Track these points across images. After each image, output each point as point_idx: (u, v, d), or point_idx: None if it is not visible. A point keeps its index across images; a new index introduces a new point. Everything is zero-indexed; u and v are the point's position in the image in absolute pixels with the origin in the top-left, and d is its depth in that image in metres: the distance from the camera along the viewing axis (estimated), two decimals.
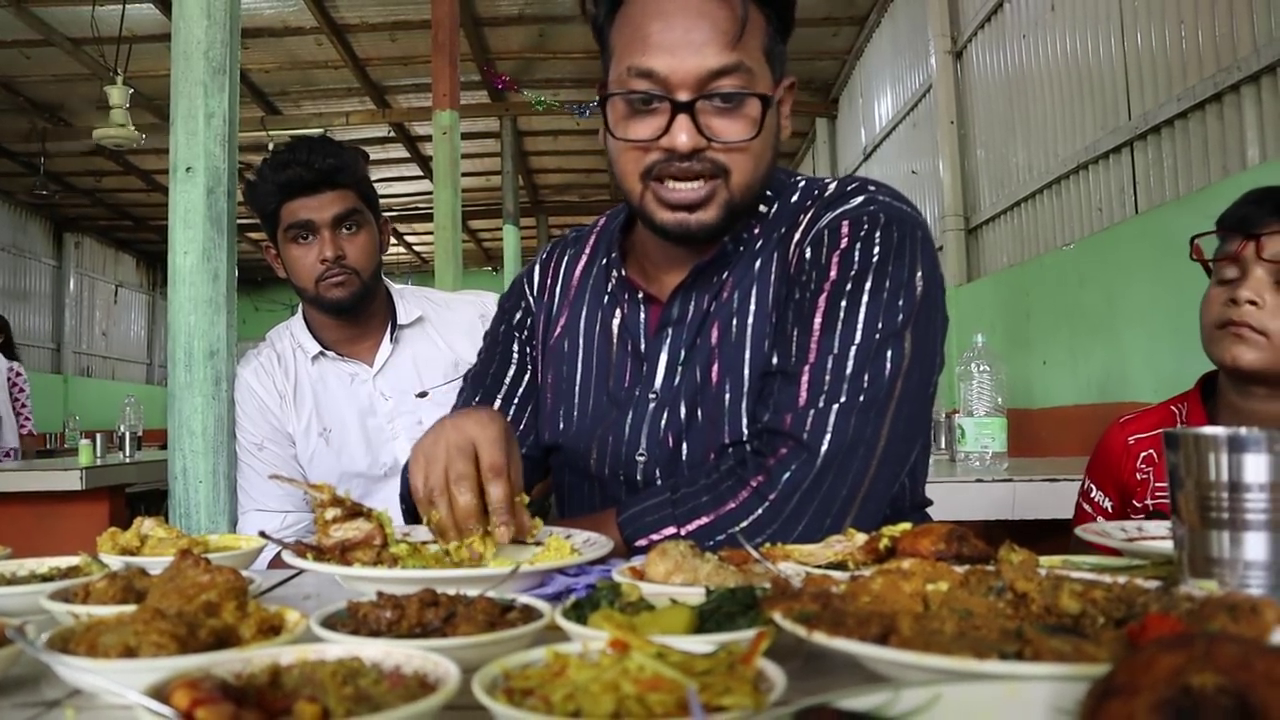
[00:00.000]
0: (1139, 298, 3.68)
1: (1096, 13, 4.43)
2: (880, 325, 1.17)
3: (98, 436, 4.78)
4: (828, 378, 1.16)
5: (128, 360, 16.55)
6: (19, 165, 11.62)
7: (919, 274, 1.21)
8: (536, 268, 1.53)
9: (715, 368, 1.26)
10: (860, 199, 1.26)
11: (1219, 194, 3.14)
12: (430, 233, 8.08)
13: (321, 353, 2.08)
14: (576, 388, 1.40)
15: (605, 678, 0.56)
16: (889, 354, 1.17)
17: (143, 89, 8.87)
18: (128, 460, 4.68)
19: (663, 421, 1.29)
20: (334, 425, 2.07)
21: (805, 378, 1.17)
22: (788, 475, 1.14)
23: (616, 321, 1.38)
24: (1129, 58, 4.17)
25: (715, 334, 1.28)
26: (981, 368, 2.95)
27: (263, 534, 1.15)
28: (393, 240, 2.18)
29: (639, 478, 1.30)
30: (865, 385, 1.15)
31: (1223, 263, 1.55)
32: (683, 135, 1.16)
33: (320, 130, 9.90)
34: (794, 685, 0.58)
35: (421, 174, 12.29)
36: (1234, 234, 1.54)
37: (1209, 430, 0.76)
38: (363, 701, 0.57)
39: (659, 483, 1.28)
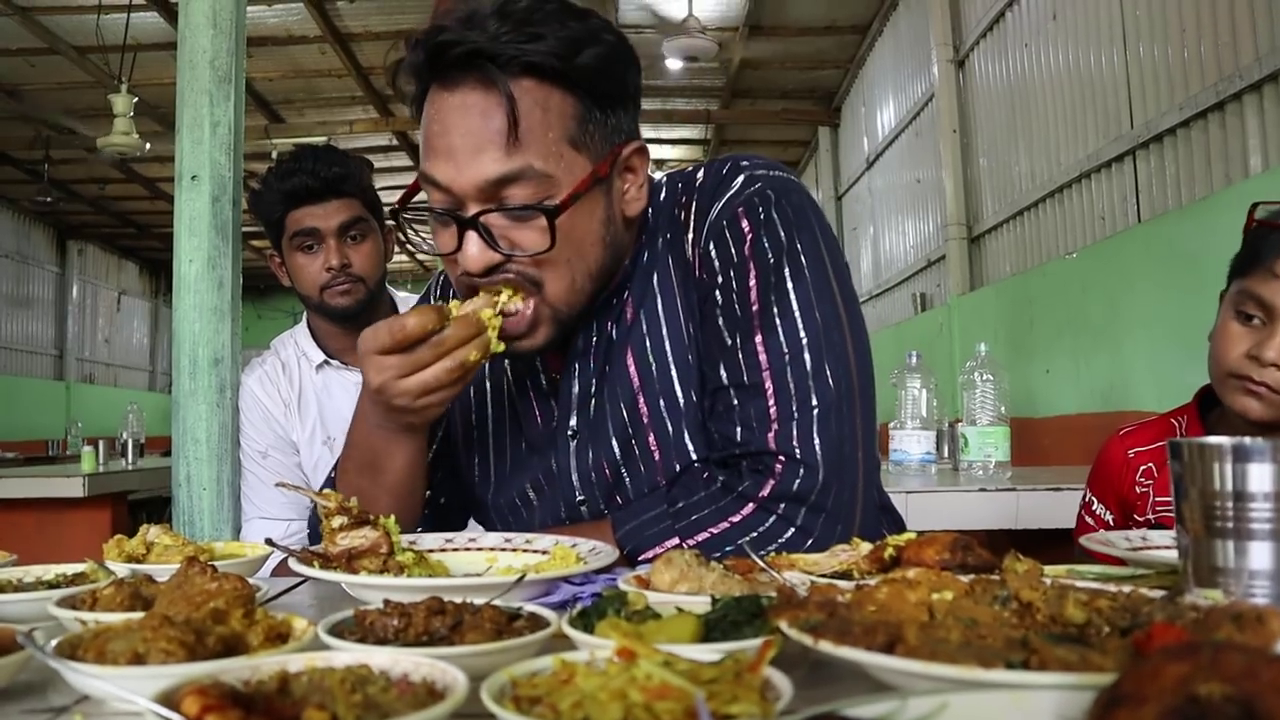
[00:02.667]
0: (1142, 306, 3.68)
1: (1098, 22, 4.44)
2: (818, 314, 1.16)
3: (100, 443, 4.78)
4: (791, 384, 1.14)
5: (130, 367, 16.56)
6: (23, 173, 11.64)
7: (821, 240, 1.20)
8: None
9: (642, 394, 1.22)
10: (740, 179, 1.20)
11: (1221, 203, 3.14)
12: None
13: (326, 361, 2.09)
14: (490, 439, 1.34)
15: (613, 685, 0.56)
16: (836, 340, 1.16)
17: (146, 97, 8.88)
18: (130, 467, 4.69)
19: (590, 456, 1.25)
20: (338, 434, 2.07)
21: (767, 388, 1.14)
22: (794, 488, 1.13)
23: (510, 365, 1.32)
24: (1131, 66, 4.18)
25: (630, 360, 1.23)
26: (984, 377, 2.96)
27: (269, 541, 1.16)
28: (395, 248, 2.19)
29: (586, 518, 1.26)
30: (830, 383, 1.14)
31: (1245, 299, 1.45)
32: (472, 251, 1.09)
33: (324, 139, 9.92)
34: (800, 694, 0.58)
35: None
36: (1264, 271, 1.43)
37: (1214, 440, 0.76)
38: (371, 709, 0.57)
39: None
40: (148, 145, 7.45)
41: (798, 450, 1.13)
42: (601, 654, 0.63)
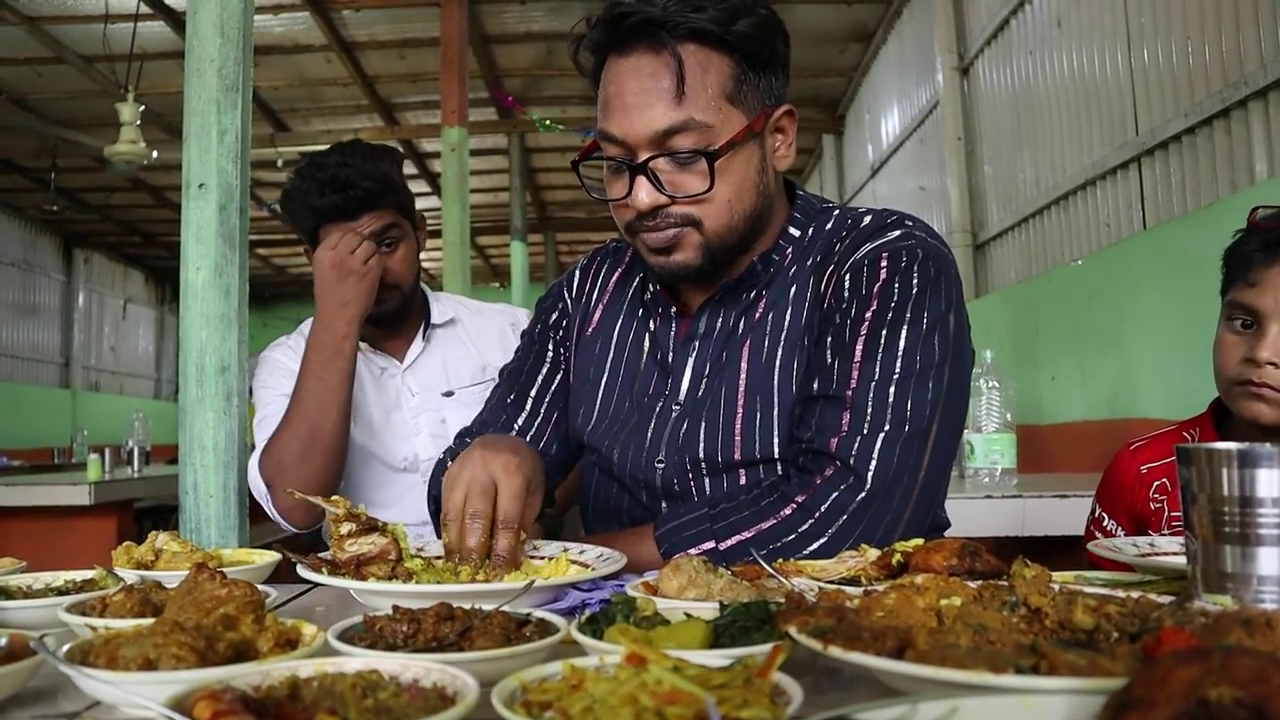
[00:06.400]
0: (1148, 313, 3.68)
1: (1103, 28, 4.44)
2: (919, 358, 1.20)
3: (106, 451, 4.79)
4: (870, 404, 1.18)
5: (136, 375, 16.59)
6: (30, 181, 11.69)
7: (953, 310, 1.25)
8: (577, 272, 1.59)
9: (744, 384, 1.29)
10: (898, 233, 1.28)
11: (1227, 209, 3.14)
12: (439, 249, 8.10)
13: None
14: (600, 389, 1.45)
15: (623, 691, 0.56)
16: (929, 385, 1.19)
17: (153, 106, 8.92)
18: (136, 475, 4.69)
19: (683, 431, 1.32)
20: (359, 415, 2.07)
21: (849, 403, 1.19)
22: (835, 495, 1.15)
23: (648, 332, 1.42)
24: (1136, 73, 4.18)
25: (747, 351, 1.30)
26: (990, 383, 2.95)
27: (280, 549, 1.16)
28: (425, 240, 2.17)
29: (658, 483, 1.33)
30: (908, 415, 1.18)
31: (1232, 309, 1.50)
32: (642, 195, 1.21)
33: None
34: (810, 700, 0.59)
35: (430, 190, 12.33)
36: (1242, 283, 1.48)
37: (1222, 445, 0.76)
38: (382, 714, 0.57)
39: (675, 489, 1.31)
40: (154, 153, 7.48)
41: (853, 460, 1.16)
42: (611, 659, 0.63)
